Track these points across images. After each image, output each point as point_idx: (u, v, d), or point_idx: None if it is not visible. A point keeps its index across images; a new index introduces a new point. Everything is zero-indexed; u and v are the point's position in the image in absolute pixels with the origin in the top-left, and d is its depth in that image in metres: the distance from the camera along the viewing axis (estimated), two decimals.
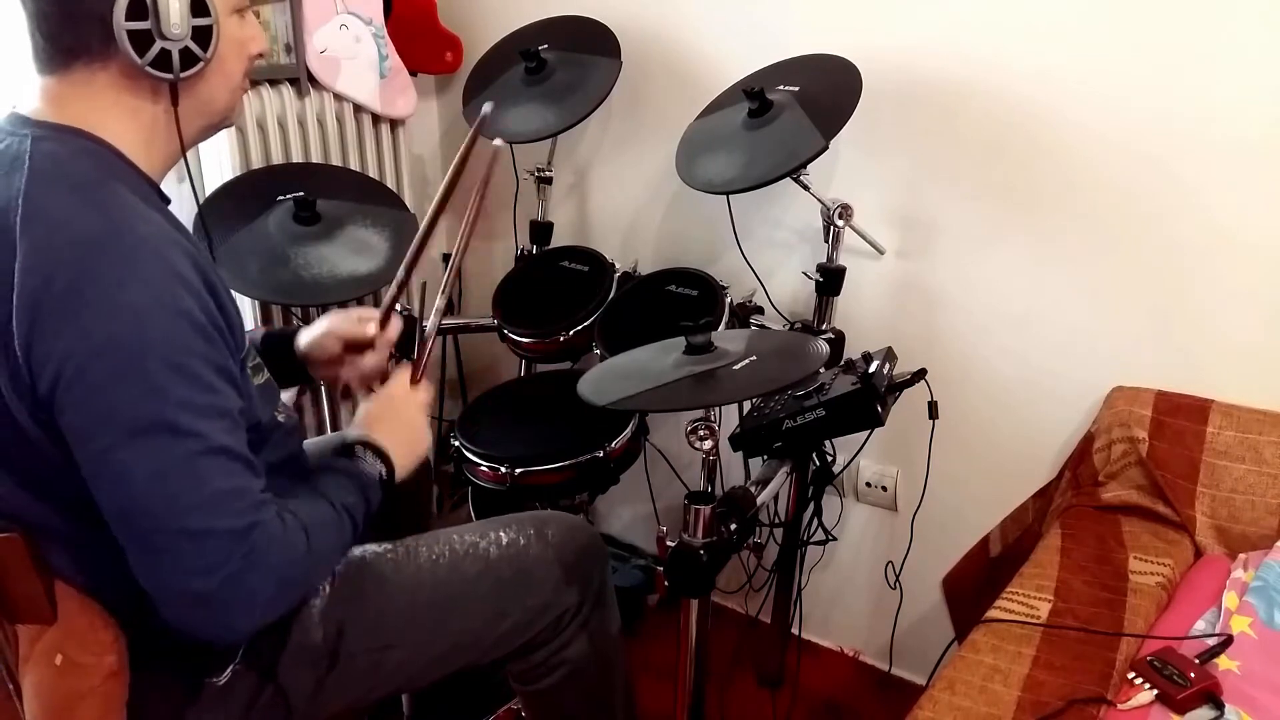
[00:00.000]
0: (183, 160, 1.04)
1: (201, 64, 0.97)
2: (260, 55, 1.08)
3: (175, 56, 0.94)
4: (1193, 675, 1.06)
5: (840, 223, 1.57)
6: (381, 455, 1.12)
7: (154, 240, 0.90)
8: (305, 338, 1.33)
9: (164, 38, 0.93)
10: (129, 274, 0.87)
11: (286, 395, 1.78)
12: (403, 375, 1.22)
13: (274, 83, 1.83)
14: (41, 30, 0.93)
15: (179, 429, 0.86)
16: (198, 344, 0.89)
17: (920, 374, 1.33)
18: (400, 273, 1.34)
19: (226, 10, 1.00)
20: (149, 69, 0.93)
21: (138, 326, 0.86)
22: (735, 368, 1.19)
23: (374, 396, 1.20)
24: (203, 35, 0.96)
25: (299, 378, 1.37)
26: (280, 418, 1.12)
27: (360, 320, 1.32)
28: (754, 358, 1.21)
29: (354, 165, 1.98)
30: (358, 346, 1.32)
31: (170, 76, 0.95)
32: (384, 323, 1.33)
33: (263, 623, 0.94)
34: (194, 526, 0.87)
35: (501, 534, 1.24)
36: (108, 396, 0.85)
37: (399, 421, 1.18)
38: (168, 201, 1.04)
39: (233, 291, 1.59)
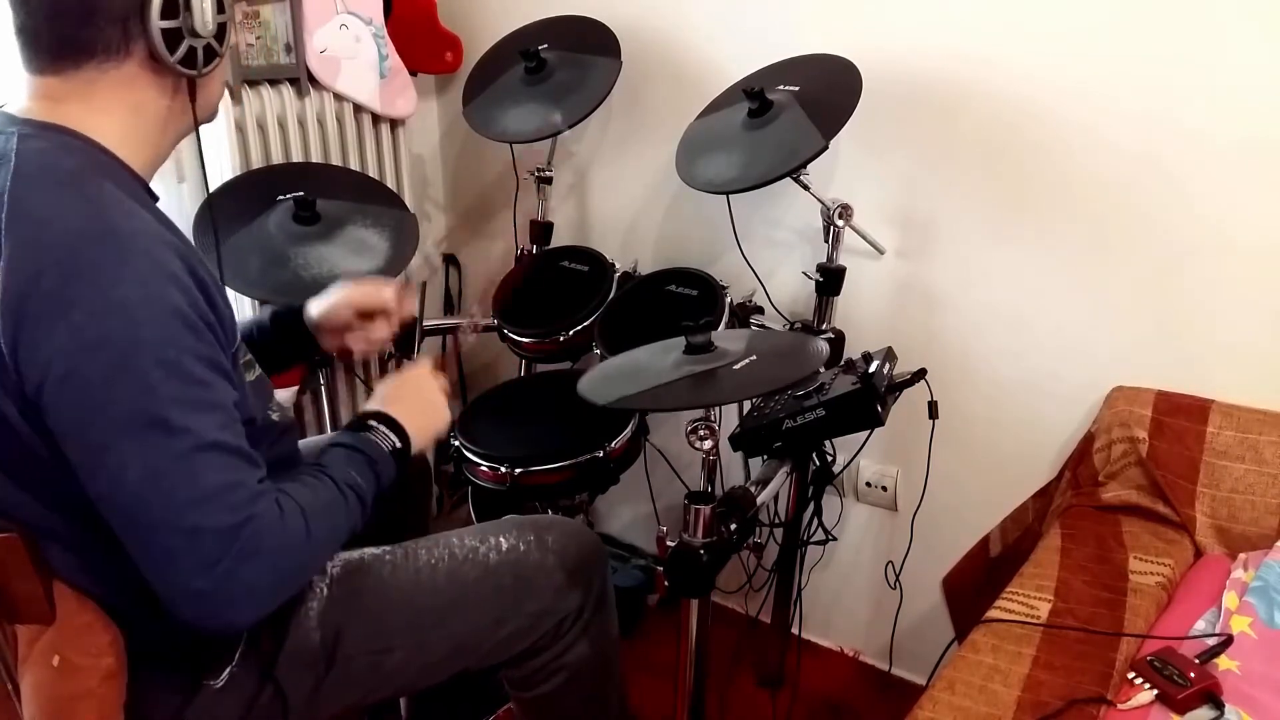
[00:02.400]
0: (188, 156, 1.06)
1: (218, 60, 1.00)
2: None
3: (199, 54, 0.97)
4: (1193, 675, 1.06)
5: (840, 223, 1.57)
6: (396, 429, 1.11)
7: (142, 236, 0.90)
8: (316, 307, 1.34)
9: (194, 35, 0.95)
10: (119, 271, 0.86)
11: (286, 395, 1.80)
12: (424, 363, 1.22)
13: (274, 83, 1.83)
14: (34, 28, 0.93)
15: (171, 426, 0.86)
16: (188, 340, 0.89)
17: (920, 374, 1.33)
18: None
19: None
20: (179, 66, 0.96)
21: (128, 324, 0.86)
22: (735, 368, 1.19)
23: (392, 376, 1.19)
24: (222, 31, 0.99)
25: (307, 351, 1.37)
26: (274, 416, 1.12)
27: (376, 290, 1.34)
28: (754, 358, 1.21)
29: (354, 165, 1.98)
30: (369, 315, 1.34)
31: (194, 72, 0.98)
32: (400, 293, 1.35)
33: (265, 612, 0.93)
34: (188, 523, 0.87)
35: (502, 539, 1.24)
36: (99, 395, 0.85)
37: (418, 398, 1.17)
38: (155, 199, 1.04)
39: (233, 291, 1.61)
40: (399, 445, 1.10)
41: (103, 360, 0.85)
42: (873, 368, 1.26)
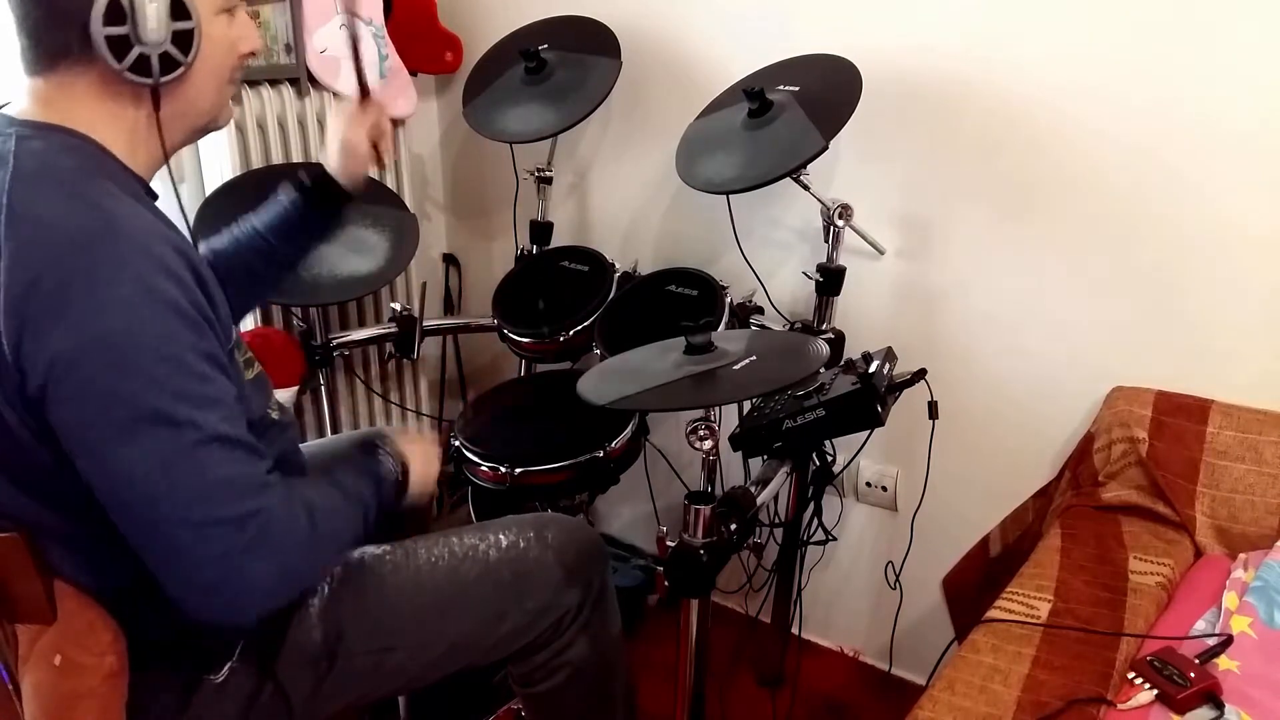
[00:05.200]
0: (166, 168, 1.03)
1: (182, 69, 0.96)
2: (253, 54, 1.07)
3: (154, 61, 0.94)
4: (1193, 675, 1.06)
5: (840, 223, 1.57)
6: (401, 464, 1.17)
7: (141, 235, 0.90)
8: (334, 158, 1.31)
9: (142, 42, 0.92)
10: (117, 269, 0.86)
11: (286, 395, 1.80)
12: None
13: (274, 83, 1.83)
14: (26, 32, 0.93)
15: (177, 420, 0.87)
16: (189, 335, 0.89)
17: (920, 374, 1.33)
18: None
19: (212, 11, 0.99)
20: (128, 74, 0.93)
21: (128, 321, 0.86)
22: (735, 368, 1.19)
23: (407, 431, 1.25)
24: (183, 39, 0.95)
25: (342, 201, 1.34)
26: (274, 414, 1.12)
27: (355, 116, 1.32)
28: (754, 358, 1.21)
29: None
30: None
31: (150, 81, 0.94)
32: (364, 92, 1.34)
33: (273, 605, 0.94)
34: (197, 516, 0.88)
35: (501, 536, 1.24)
36: (102, 391, 0.85)
37: (423, 453, 1.24)
38: (155, 198, 1.04)
39: None
40: (400, 478, 1.16)
41: (104, 358, 0.85)
42: (873, 368, 1.26)
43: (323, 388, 1.91)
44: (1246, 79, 1.38)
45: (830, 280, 1.61)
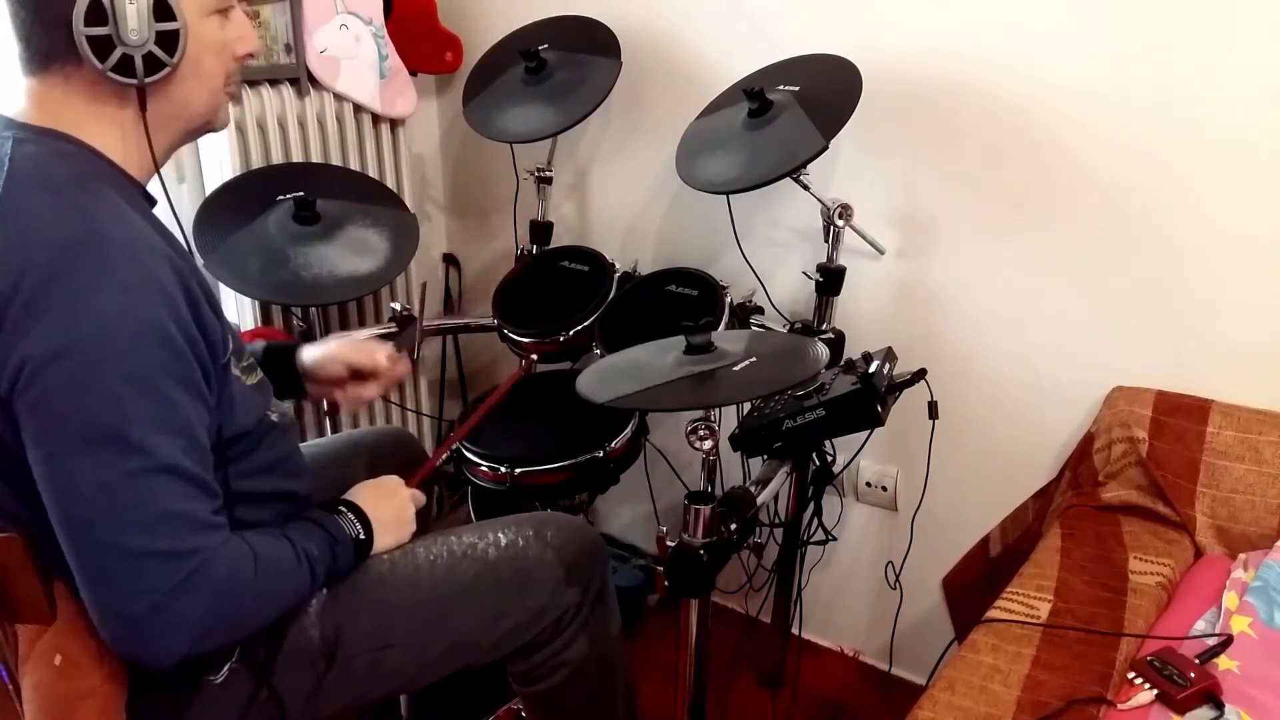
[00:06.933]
0: (158, 174, 1.02)
1: (167, 69, 0.95)
2: (250, 56, 1.06)
3: (138, 62, 0.93)
4: (1193, 675, 1.06)
5: (840, 223, 1.57)
6: (363, 521, 1.13)
7: (130, 246, 0.89)
8: (310, 356, 1.34)
9: (124, 43, 0.92)
10: (100, 280, 0.86)
11: None
12: (397, 480, 1.23)
13: (274, 83, 1.83)
14: (19, 34, 0.93)
15: (130, 443, 0.85)
16: (163, 356, 0.88)
17: (920, 374, 1.32)
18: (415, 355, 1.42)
19: (202, 12, 0.98)
20: (111, 74, 0.92)
21: (101, 334, 0.85)
22: (735, 368, 1.19)
23: (372, 480, 1.21)
24: (168, 40, 0.95)
25: (292, 391, 1.37)
26: (274, 417, 1.12)
27: (370, 352, 1.35)
28: (754, 358, 1.21)
29: (354, 165, 1.98)
30: (360, 374, 1.34)
31: (134, 82, 0.94)
32: (401, 351, 1.36)
33: (193, 652, 0.92)
34: (133, 545, 0.86)
35: (500, 535, 1.24)
36: (61, 402, 0.84)
37: (391, 503, 1.19)
38: (153, 204, 1.04)
39: (233, 291, 1.61)
40: (362, 536, 1.13)
41: (69, 367, 0.84)
42: (873, 368, 1.26)
43: None
44: (1247, 80, 1.38)
45: (830, 280, 1.61)
